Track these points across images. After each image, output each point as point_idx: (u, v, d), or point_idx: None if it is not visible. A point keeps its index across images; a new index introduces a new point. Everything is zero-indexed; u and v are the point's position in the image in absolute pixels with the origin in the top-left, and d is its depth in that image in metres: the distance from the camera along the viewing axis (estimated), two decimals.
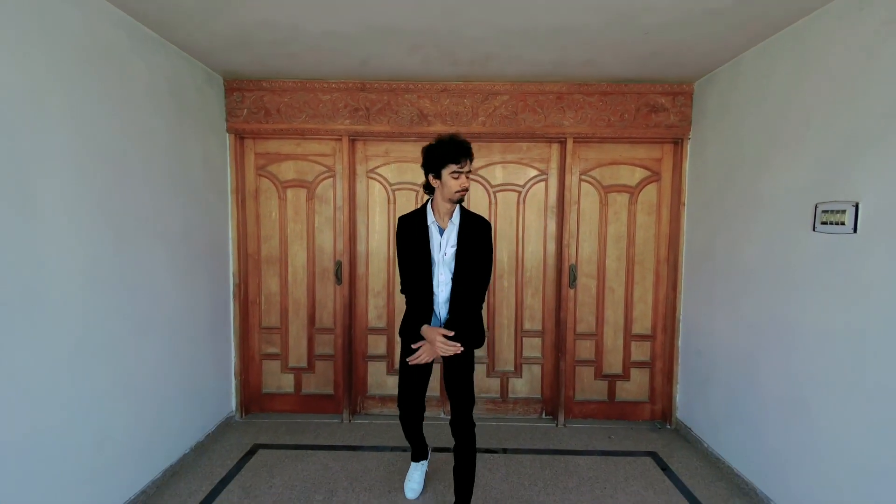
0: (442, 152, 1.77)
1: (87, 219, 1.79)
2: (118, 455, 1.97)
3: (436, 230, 1.87)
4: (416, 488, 2.19)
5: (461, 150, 1.76)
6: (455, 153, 1.75)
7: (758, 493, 2.15)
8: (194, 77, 2.53)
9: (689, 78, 2.71)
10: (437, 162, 1.79)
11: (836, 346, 1.76)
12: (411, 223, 1.89)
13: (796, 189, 1.98)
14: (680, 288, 2.87)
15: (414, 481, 2.21)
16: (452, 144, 1.76)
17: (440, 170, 1.79)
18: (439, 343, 1.79)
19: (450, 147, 1.76)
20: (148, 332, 2.15)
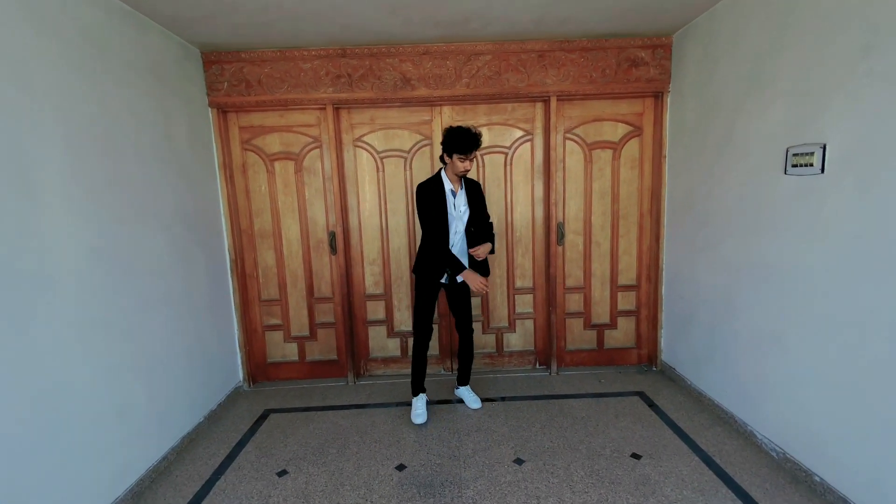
0: (456, 142, 2.24)
1: (82, 200, 1.81)
2: (139, 424, 2.07)
3: (451, 194, 2.40)
4: (423, 414, 2.58)
5: (470, 145, 2.24)
6: (465, 147, 2.24)
7: (736, 420, 2.36)
8: (172, 51, 2.48)
9: (667, 30, 2.74)
10: (450, 147, 2.28)
11: (806, 281, 1.90)
12: (432, 189, 2.39)
13: (769, 135, 2.07)
14: (662, 238, 3.00)
15: (419, 408, 2.60)
16: (466, 139, 2.22)
17: (452, 153, 2.29)
18: (480, 284, 2.38)
19: (463, 140, 2.23)
20: (152, 309, 2.20)
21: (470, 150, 2.25)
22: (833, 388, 1.80)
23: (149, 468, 2.11)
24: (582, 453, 2.22)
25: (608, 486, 1.97)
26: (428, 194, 2.38)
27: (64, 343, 1.69)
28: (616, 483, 1.99)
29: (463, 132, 2.23)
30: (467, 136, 2.23)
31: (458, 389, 2.78)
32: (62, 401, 1.67)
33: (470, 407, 2.70)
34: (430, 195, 2.38)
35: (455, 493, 1.95)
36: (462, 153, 2.26)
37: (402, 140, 2.98)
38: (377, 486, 2.02)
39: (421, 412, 2.58)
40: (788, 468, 2.01)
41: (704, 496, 1.88)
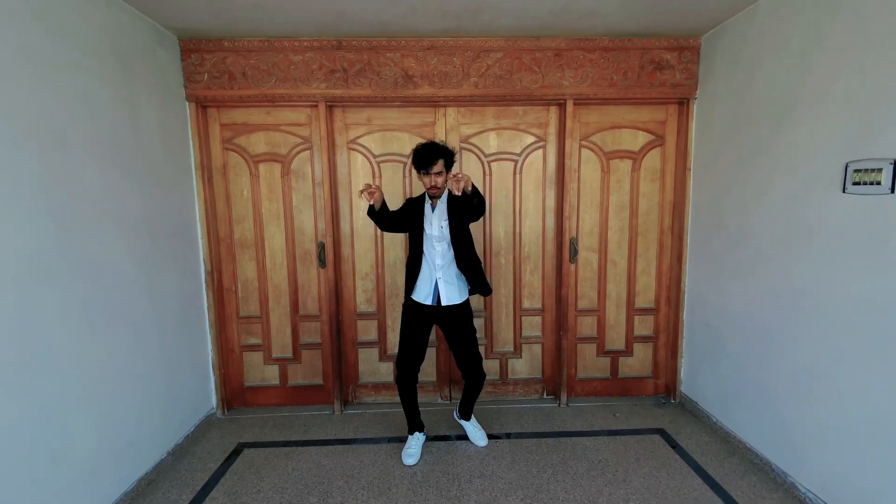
0: (415, 158, 2.08)
1: (17, 203, 1.50)
2: (83, 470, 1.74)
3: (428, 208, 2.19)
4: (415, 454, 2.29)
5: (425, 158, 2.04)
6: (420, 161, 2.06)
7: (773, 469, 2.07)
8: (142, 35, 2.18)
9: (696, 31, 2.49)
10: (415, 165, 2.10)
11: (865, 316, 1.64)
12: (414, 202, 2.24)
13: (823, 148, 1.82)
14: (685, 258, 2.74)
15: (412, 448, 2.31)
16: (421, 152, 2.05)
17: (419, 170, 2.10)
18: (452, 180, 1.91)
19: (416, 156, 2.07)
20: (104, 329, 1.88)
21: (424, 163, 2.04)
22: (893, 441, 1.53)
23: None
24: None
25: None
26: (409, 205, 2.25)
27: None
28: None
29: (422, 146, 2.07)
30: (423, 148, 2.05)
31: (461, 420, 2.47)
32: None
33: (475, 444, 2.39)
34: (411, 206, 2.23)
35: None
36: (418, 168, 2.07)
37: (402, 143, 2.69)
38: None
39: (413, 452, 2.29)
40: None
41: None
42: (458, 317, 2.21)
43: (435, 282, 2.18)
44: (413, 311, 2.22)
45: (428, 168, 2.05)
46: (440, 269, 2.17)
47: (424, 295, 2.19)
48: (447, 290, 2.17)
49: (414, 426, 2.35)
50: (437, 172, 2.06)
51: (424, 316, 2.21)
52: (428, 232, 2.18)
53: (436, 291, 2.18)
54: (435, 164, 2.04)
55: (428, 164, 2.04)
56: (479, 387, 2.33)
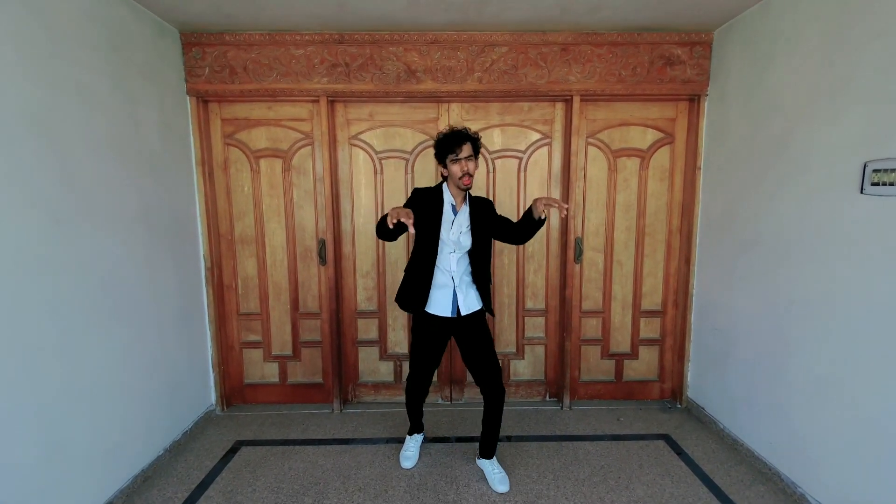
0: (444, 142, 1.87)
1: (14, 195, 1.48)
2: (74, 466, 1.73)
3: (450, 210, 1.97)
4: (412, 456, 2.22)
5: (458, 138, 1.85)
6: (453, 142, 1.84)
7: (782, 479, 2.00)
8: (142, 29, 2.16)
9: (708, 25, 2.41)
10: (442, 151, 1.90)
11: (885, 323, 1.57)
12: (428, 196, 1.96)
13: (840, 147, 1.74)
14: (694, 260, 2.66)
15: (410, 451, 2.24)
16: (452, 135, 1.87)
17: (445, 158, 1.89)
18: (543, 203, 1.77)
19: (449, 138, 1.87)
20: (101, 326, 1.87)
21: (459, 142, 1.83)
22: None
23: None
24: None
25: None
26: (422, 201, 1.94)
27: None
28: None
29: (447, 131, 1.89)
30: (453, 132, 1.87)
31: (480, 461, 2.13)
32: None
33: (494, 489, 2.01)
34: (425, 204, 1.93)
35: None
36: (452, 150, 1.84)
37: (404, 140, 2.65)
38: None
39: (411, 454, 2.23)
40: None
41: None
42: (478, 324, 1.99)
43: (453, 290, 1.96)
44: (428, 324, 1.99)
45: (457, 149, 1.82)
46: (457, 275, 1.96)
47: (443, 307, 1.95)
48: (466, 297, 1.96)
49: (414, 428, 2.28)
50: (467, 156, 1.85)
51: (442, 329, 1.99)
52: (444, 238, 1.93)
53: (455, 301, 1.96)
54: (463, 146, 1.84)
55: (458, 143, 1.82)
56: (501, 408, 2.00)
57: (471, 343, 1.98)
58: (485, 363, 1.96)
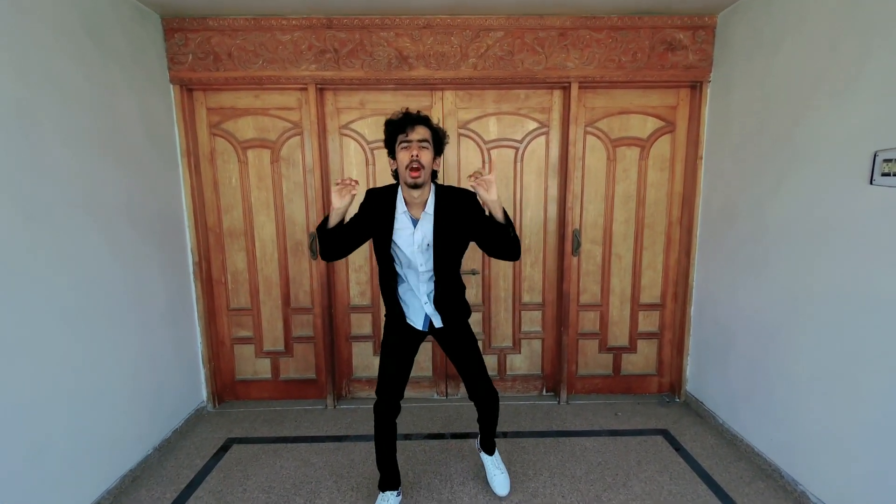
0: (392, 125, 1.56)
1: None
2: (59, 467, 1.68)
3: (407, 220, 1.61)
4: None
5: (397, 124, 1.54)
6: (402, 123, 1.53)
7: (783, 476, 1.97)
8: (119, 13, 2.06)
9: (712, 8, 2.32)
10: (390, 139, 1.58)
11: (892, 318, 1.51)
12: (378, 201, 1.64)
13: (848, 135, 1.67)
14: (694, 252, 2.60)
15: None
16: (389, 122, 1.57)
17: (394, 147, 1.57)
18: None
19: (388, 125, 1.57)
20: (81, 323, 1.80)
21: (412, 122, 1.51)
22: None
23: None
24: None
25: None
26: (370, 208, 1.63)
27: None
28: None
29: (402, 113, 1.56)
30: (406, 113, 1.55)
31: (482, 455, 2.00)
32: None
33: (496, 493, 1.90)
34: (372, 211, 1.62)
35: None
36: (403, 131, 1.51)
37: None
38: None
39: None
40: None
41: None
42: (458, 332, 1.76)
43: (423, 308, 1.71)
44: (400, 328, 1.75)
45: (408, 130, 1.49)
46: (425, 294, 1.68)
47: (415, 319, 1.74)
48: (445, 313, 1.72)
49: (387, 482, 1.78)
50: (420, 140, 1.49)
51: (415, 335, 1.77)
52: (402, 251, 1.61)
53: (426, 316, 1.73)
54: (419, 127, 1.51)
55: (410, 123, 1.51)
56: (495, 410, 1.83)
57: (454, 352, 1.78)
58: (471, 367, 1.75)
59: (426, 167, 1.50)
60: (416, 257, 1.62)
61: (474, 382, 1.76)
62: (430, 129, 1.55)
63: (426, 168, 1.51)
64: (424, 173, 1.50)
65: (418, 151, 1.49)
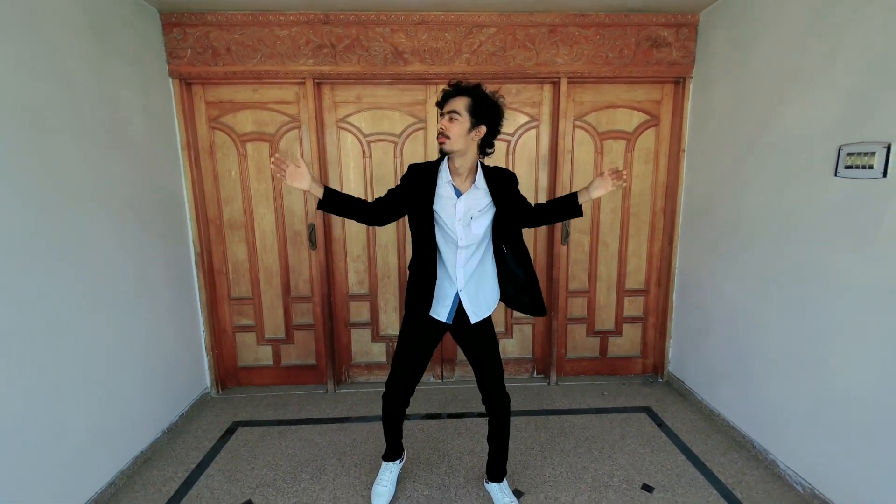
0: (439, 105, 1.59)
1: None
2: (79, 447, 1.77)
3: (451, 189, 1.61)
4: (385, 493, 1.83)
5: (446, 93, 1.57)
6: (443, 96, 1.57)
7: (755, 447, 2.13)
8: (121, 9, 2.10)
9: (694, 6, 2.42)
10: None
11: (854, 301, 1.66)
12: (420, 173, 1.64)
13: (817, 131, 1.80)
14: (676, 241, 2.74)
15: (382, 485, 1.84)
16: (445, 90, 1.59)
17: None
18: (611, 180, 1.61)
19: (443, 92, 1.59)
20: (95, 309, 1.88)
21: (448, 96, 1.55)
22: (876, 426, 1.57)
23: (90, 498, 1.81)
24: (587, 483, 1.98)
25: None
26: (415, 178, 1.63)
27: None
28: None
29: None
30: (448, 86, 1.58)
31: (488, 485, 1.87)
32: None
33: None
34: (417, 180, 1.62)
35: None
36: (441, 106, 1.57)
37: (393, 122, 2.64)
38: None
39: (384, 490, 1.84)
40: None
41: None
42: (486, 333, 1.70)
43: (456, 295, 1.64)
44: (420, 325, 1.68)
45: (444, 104, 1.55)
46: (463, 279, 1.62)
47: (440, 311, 1.65)
48: (474, 303, 1.64)
49: (391, 452, 1.89)
50: (450, 111, 1.51)
51: (436, 333, 1.71)
52: (444, 224, 1.59)
53: (455, 306, 1.64)
54: (452, 99, 1.53)
55: (446, 97, 1.55)
56: (507, 419, 1.73)
57: (474, 347, 1.71)
58: (492, 377, 1.69)
59: (452, 137, 1.52)
60: (458, 229, 1.59)
61: (490, 387, 1.69)
62: (469, 97, 1.53)
63: (452, 138, 1.52)
64: (451, 143, 1.52)
65: (447, 123, 1.53)
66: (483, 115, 1.53)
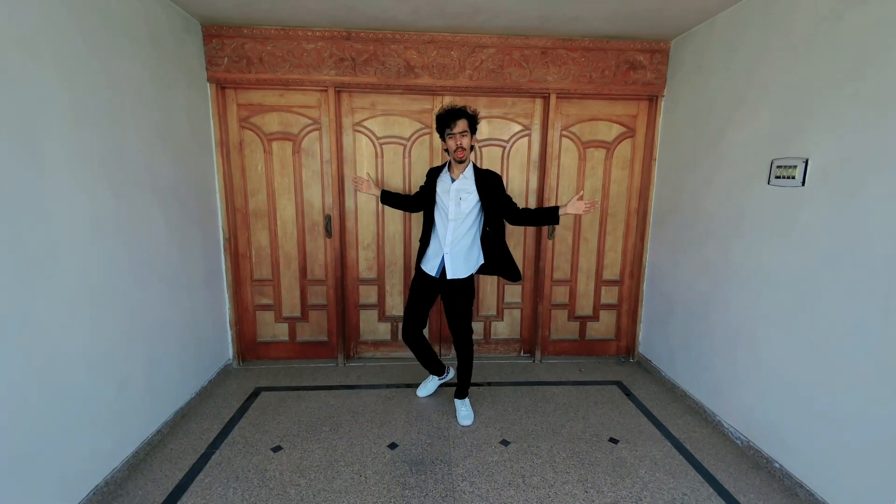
0: (440, 120, 2.23)
1: (86, 172, 1.79)
2: (136, 397, 2.10)
3: (448, 177, 2.31)
4: (424, 390, 2.73)
5: (450, 115, 2.19)
6: (446, 119, 2.19)
7: (706, 411, 2.53)
8: (172, 22, 2.42)
9: (666, 36, 2.82)
10: (440, 128, 2.26)
11: (779, 284, 2.06)
12: (435, 172, 2.41)
13: (756, 146, 2.20)
14: (647, 237, 3.14)
15: (425, 386, 2.74)
16: (446, 112, 2.20)
17: (443, 135, 2.25)
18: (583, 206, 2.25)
19: (443, 114, 2.21)
20: (149, 283, 2.20)
21: (454, 118, 2.15)
22: (793, 384, 1.97)
23: (144, 441, 2.14)
24: (563, 437, 2.36)
25: (587, 468, 2.11)
26: (431, 176, 2.41)
27: (67, 314, 1.69)
28: (595, 465, 2.13)
29: (446, 109, 2.20)
30: (449, 110, 2.19)
31: (455, 400, 2.56)
32: (65, 371, 1.69)
33: (459, 423, 2.45)
34: (429, 179, 2.42)
35: (445, 471, 2.06)
36: (448, 125, 2.17)
37: (402, 127, 3.00)
38: (370, 462, 2.11)
39: (422, 391, 2.74)
40: (751, 455, 2.19)
41: (675, 478, 2.04)
42: (458, 291, 2.34)
43: (442, 257, 2.31)
44: (420, 278, 2.42)
45: (452, 125, 2.14)
46: (449, 244, 2.29)
47: (430, 267, 2.35)
48: (453, 264, 2.30)
49: (433, 371, 2.69)
50: (461, 132, 2.15)
51: (429, 285, 2.40)
52: (442, 203, 2.29)
53: (441, 265, 2.32)
54: (457, 122, 2.14)
55: (450, 120, 2.14)
56: (466, 360, 2.44)
57: (449, 304, 2.39)
58: (454, 323, 2.40)
59: (467, 148, 2.21)
60: (450, 205, 2.28)
61: (453, 328, 2.42)
62: (467, 118, 2.19)
63: (467, 149, 2.21)
64: (467, 153, 2.22)
65: (460, 139, 2.18)
66: (474, 126, 2.25)
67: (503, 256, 2.41)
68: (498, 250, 2.39)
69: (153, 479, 1.99)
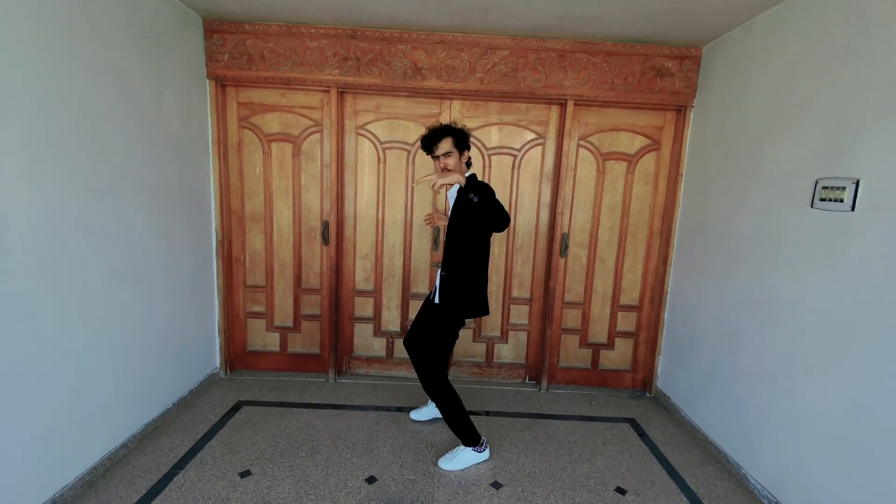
0: (423, 144, 2.10)
1: (49, 166, 1.67)
2: (97, 408, 1.95)
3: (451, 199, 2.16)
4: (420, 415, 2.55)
5: (428, 140, 2.06)
6: (426, 144, 2.07)
7: (730, 461, 2.22)
8: (170, 15, 2.33)
9: (698, 41, 2.57)
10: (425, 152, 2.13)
11: (821, 324, 1.76)
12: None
13: (797, 164, 1.92)
14: (670, 260, 2.85)
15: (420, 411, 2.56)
16: (425, 136, 2.08)
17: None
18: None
19: (423, 140, 2.09)
20: (123, 286, 2.07)
21: (434, 141, 2.03)
22: (836, 444, 1.67)
23: (104, 456, 1.98)
24: (564, 482, 2.09)
25: None
26: None
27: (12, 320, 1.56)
28: None
29: (426, 133, 2.09)
30: (428, 134, 2.07)
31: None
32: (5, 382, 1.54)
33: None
34: None
35: None
36: (430, 150, 2.07)
37: (407, 132, 2.83)
38: (343, 499, 1.90)
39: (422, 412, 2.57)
40: None
41: None
42: (437, 308, 2.16)
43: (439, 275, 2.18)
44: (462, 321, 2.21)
45: (434, 148, 2.04)
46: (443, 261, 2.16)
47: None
48: (439, 286, 2.16)
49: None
50: (444, 153, 2.02)
51: (426, 303, 2.31)
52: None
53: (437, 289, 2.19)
54: (438, 144, 2.02)
55: (431, 144, 2.04)
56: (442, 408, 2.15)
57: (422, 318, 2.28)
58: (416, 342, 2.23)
59: (453, 167, 2.04)
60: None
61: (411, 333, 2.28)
62: (452, 136, 2.04)
63: (453, 169, 2.03)
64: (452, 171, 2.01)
65: (444, 161, 2.04)
66: (463, 144, 2.07)
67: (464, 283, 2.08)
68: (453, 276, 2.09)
69: (105, 500, 1.82)
